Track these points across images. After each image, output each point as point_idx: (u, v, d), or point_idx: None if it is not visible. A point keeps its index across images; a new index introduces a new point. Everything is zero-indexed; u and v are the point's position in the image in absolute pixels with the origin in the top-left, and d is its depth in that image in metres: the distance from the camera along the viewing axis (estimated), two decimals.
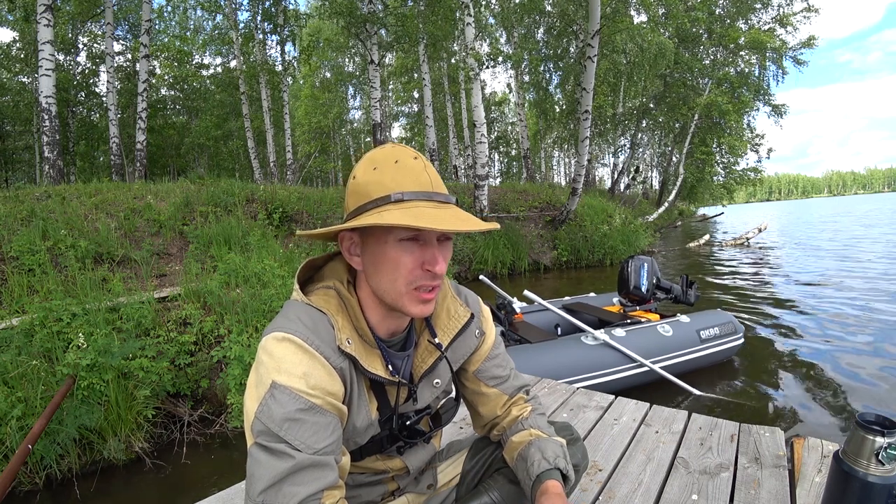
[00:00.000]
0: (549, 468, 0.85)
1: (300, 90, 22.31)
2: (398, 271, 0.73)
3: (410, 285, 0.74)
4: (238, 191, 6.40)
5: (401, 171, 0.73)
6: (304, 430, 0.67)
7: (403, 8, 10.35)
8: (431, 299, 0.77)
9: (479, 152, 8.60)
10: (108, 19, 10.27)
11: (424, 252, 0.73)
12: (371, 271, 0.77)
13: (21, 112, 13.55)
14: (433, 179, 0.74)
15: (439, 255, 0.74)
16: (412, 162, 0.74)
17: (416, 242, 0.73)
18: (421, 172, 0.73)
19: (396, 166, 0.73)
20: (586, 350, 2.94)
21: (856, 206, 46.09)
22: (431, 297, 0.76)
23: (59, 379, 2.47)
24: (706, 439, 1.66)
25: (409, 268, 0.73)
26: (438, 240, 0.74)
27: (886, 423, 0.80)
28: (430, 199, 0.72)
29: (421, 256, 0.73)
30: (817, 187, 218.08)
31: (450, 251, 0.78)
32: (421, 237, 0.73)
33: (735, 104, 15.81)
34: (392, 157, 0.74)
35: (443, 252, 0.75)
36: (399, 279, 0.74)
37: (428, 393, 0.90)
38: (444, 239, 0.76)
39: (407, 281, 0.74)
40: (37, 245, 3.77)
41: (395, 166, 0.73)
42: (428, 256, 0.73)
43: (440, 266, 0.73)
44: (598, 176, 26.69)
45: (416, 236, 0.72)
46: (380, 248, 0.74)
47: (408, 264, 0.73)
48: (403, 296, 0.75)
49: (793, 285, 6.60)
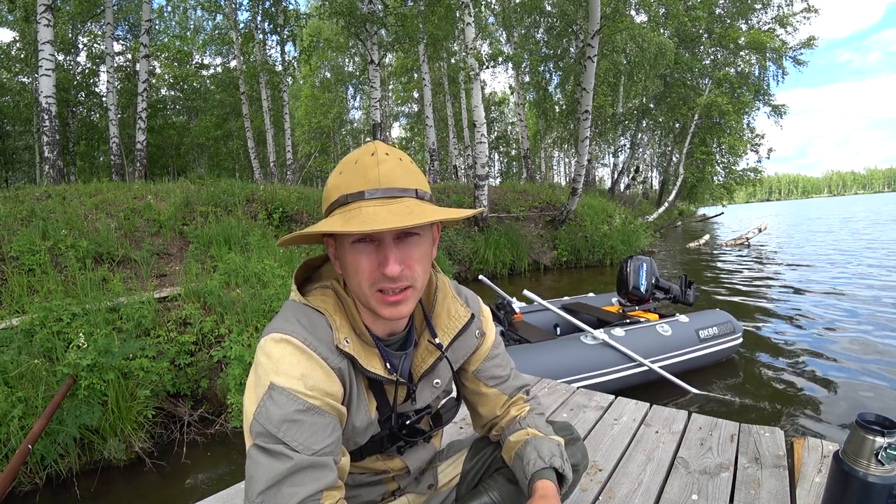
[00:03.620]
0: (545, 467, 0.85)
1: (300, 90, 22.32)
2: (359, 274, 0.72)
3: (373, 287, 0.72)
4: (238, 191, 6.40)
5: (354, 171, 0.70)
6: (303, 432, 0.67)
7: (403, 8, 10.35)
8: (400, 301, 0.73)
9: (479, 152, 8.60)
10: (108, 19, 10.27)
11: (378, 253, 0.71)
12: (345, 276, 0.77)
13: (21, 112, 13.54)
14: (383, 175, 0.69)
15: (391, 256, 0.69)
16: (367, 159, 0.70)
17: (371, 244, 0.71)
18: (371, 169, 0.69)
19: (354, 167, 0.71)
20: (586, 350, 2.94)
21: (853, 206, 46.08)
22: (399, 298, 0.72)
23: (59, 379, 2.47)
24: (706, 439, 1.66)
25: (367, 270, 0.71)
26: (397, 238, 0.71)
27: (886, 423, 0.80)
28: (377, 197, 0.68)
29: (375, 257, 0.71)
30: (817, 187, 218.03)
31: (418, 249, 0.73)
32: (374, 237, 0.70)
33: (735, 104, 15.82)
34: (354, 158, 0.72)
35: (402, 252, 0.71)
36: (362, 282, 0.72)
37: (427, 393, 0.90)
38: (402, 237, 0.71)
39: (368, 283, 0.72)
40: (37, 245, 3.77)
41: (353, 167, 0.71)
42: (381, 257, 0.70)
43: (390, 267, 0.69)
44: (598, 176, 26.69)
45: (369, 237, 0.70)
46: (343, 252, 0.74)
47: (364, 267, 0.71)
48: (370, 298, 0.73)
49: (792, 285, 6.60)
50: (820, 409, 2.87)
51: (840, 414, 2.79)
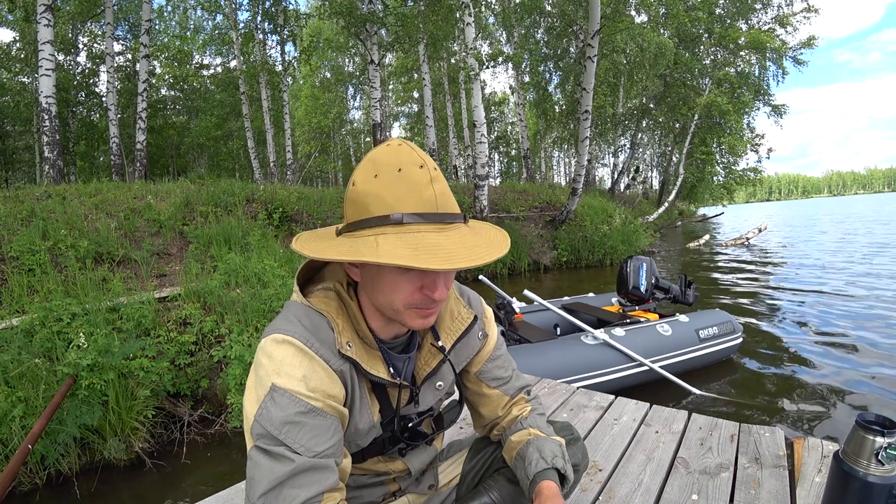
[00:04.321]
0: (547, 467, 0.85)
1: (300, 90, 22.32)
2: (395, 294, 0.70)
3: (408, 307, 0.71)
4: (238, 191, 6.40)
5: (403, 183, 0.65)
6: (304, 434, 0.67)
7: (403, 8, 10.35)
8: (433, 313, 0.74)
9: (479, 152, 8.60)
10: (108, 19, 10.26)
11: (424, 277, 0.69)
12: (369, 287, 0.74)
13: (21, 112, 13.54)
14: (439, 195, 0.65)
15: (440, 283, 0.69)
16: (417, 172, 0.65)
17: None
18: (426, 187, 0.65)
19: (399, 176, 0.65)
20: (586, 349, 2.94)
21: (855, 205, 46.08)
22: (433, 311, 0.73)
23: (59, 379, 2.47)
24: (706, 439, 1.66)
25: (408, 292, 0.70)
26: None
27: (886, 423, 0.80)
28: (434, 221, 0.65)
29: (420, 281, 0.69)
30: (817, 187, 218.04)
31: (453, 273, 0.72)
32: None
33: (735, 104, 15.81)
34: (395, 164, 0.65)
35: (448, 277, 0.72)
36: (396, 301, 0.71)
37: (430, 395, 0.89)
38: None
39: (405, 304, 0.71)
40: (37, 245, 3.77)
41: (397, 176, 0.65)
42: (427, 281, 0.69)
43: (440, 292, 0.69)
44: (598, 176, 26.73)
45: None
46: (377, 269, 0.70)
47: (406, 289, 0.70)
48: (402, 313, 0.72)
49: (792, 285, 6.59)
50: (820, 409, 2.87)
51: (840, 414, 2.79)
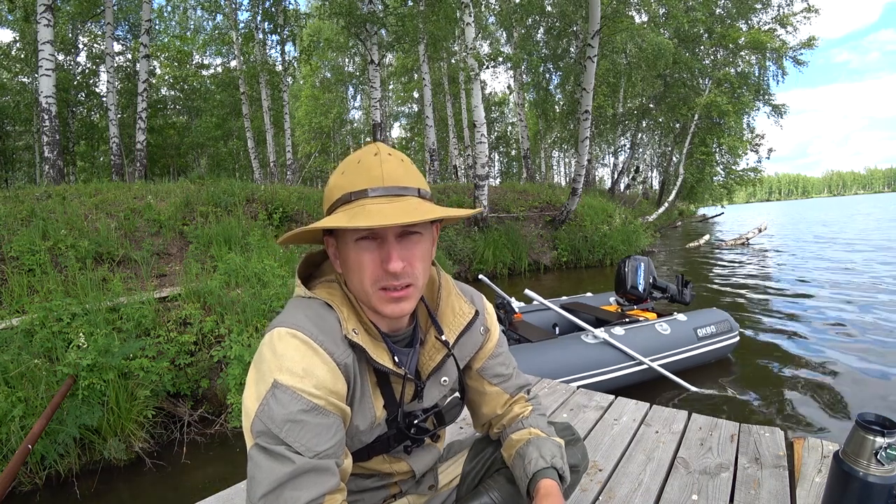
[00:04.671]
0: (546, 467, 0.85)
1: (300, 90, 22.32)
2: (361, 272, 0.73)
3: (376, 285, 0.73)
4: (238, 191, 6.39)
5: (359, 170, 0.72)
6: (306, 433, 0.67)
7: (403, 8, 10.35)
8: (402, 297, 0.74)
9: (479, 152, 8.60)
10: (108, 19, 10.26)
11: (380, 250, 0.72)
12: (346, 274, 0.77)
13: (21, 112, 13.52)
14: (386, 172, 0.71)
15: (394, 253, 0.71)
16: (371, 159, 0.72)
17: (374, 241, 0.72)
18: (374, 167, 0.71)
19: (358, 166, 0.72)
20: (586, 348, 2.94)
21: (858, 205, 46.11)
22: (401, 295, 0.74)
23: (59, 379, 2.47)
24: (706, 439, 1.66)
25: (370, 268, 0.72)
26: (399, 236, 0.72)
27: (886, 423, 0.80)
28: (381, 194, 0.70)
29: (378, 256, 0.72)
30: (817, 187, 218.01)
31: (419, 247, 0.74)
32: (377, 235, 0.71)
33: (735, 104, 15.81)
34: (356, 158, 0.73)
35: (404, 249, 0.72)
36: (364, 279, 0.73)
37: (436, 391, 0.89)
38: (405, 234, 0.72)
39: (371, 281, 0.73)
40: (37, 245, 3.77)
41: (356, 167, 0.72)
42: (383, 255, 0.71)
43: (393, 264, 0.70)
44: (598, 176, 26.73)
45: (372, 234, 0.71)
46: (345, 250, 0.74)
47: (367, 264, 0.72)
48: (372, 296, 0.74)
49: (791, 285, 6.59)
50: (820, 409, 2.87)
51: (840, 414, 2.79)
